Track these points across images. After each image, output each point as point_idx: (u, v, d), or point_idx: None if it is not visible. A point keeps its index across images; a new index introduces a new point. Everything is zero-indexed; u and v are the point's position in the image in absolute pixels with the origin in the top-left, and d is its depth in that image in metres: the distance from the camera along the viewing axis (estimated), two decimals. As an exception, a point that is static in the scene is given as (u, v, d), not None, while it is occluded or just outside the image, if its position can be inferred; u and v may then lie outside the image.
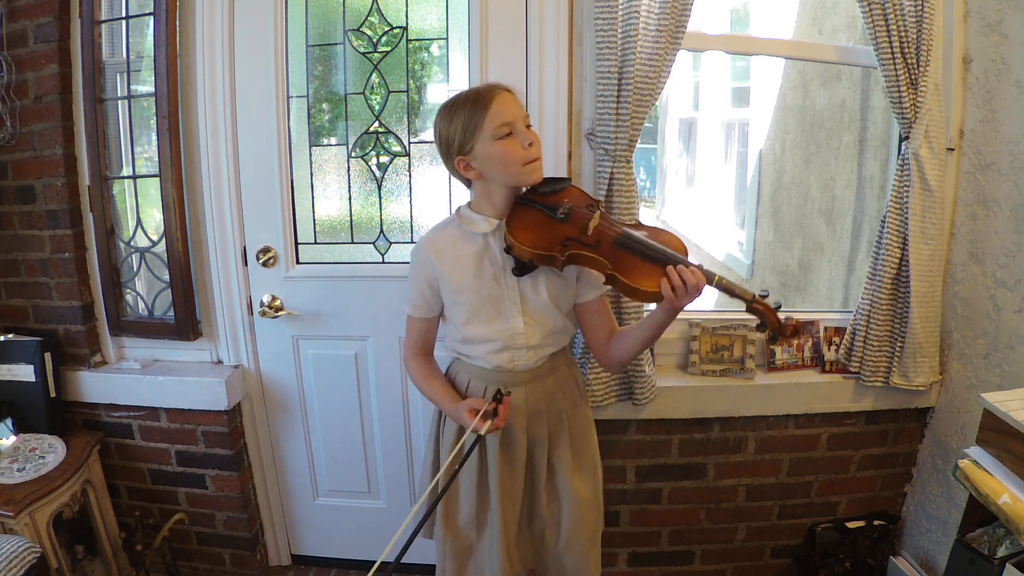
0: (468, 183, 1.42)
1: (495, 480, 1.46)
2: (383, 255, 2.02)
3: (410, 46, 1.89)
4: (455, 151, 1.35)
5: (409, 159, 1.95)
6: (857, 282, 2.63)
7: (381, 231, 2.01)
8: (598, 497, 1.60)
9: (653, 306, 1.37)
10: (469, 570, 1.53)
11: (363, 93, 1.92)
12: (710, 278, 1.27)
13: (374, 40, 1.89)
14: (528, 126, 1.36)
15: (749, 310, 1.30)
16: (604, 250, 1.32)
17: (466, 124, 1.32)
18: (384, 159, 1.96)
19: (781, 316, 1.29)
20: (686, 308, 1.31)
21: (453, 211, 1.49)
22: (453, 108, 1.34)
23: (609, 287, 1.38)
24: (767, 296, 1.28)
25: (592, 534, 1.57)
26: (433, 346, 1.55)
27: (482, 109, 1.31)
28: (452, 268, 1.40)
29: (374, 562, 0.93)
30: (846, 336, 1.94)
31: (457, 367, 1.53)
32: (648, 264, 1.30)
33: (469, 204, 1.45)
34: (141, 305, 2.03)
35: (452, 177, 1.44)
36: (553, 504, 1.54)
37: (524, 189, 1.40)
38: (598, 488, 1.60)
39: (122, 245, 1.98)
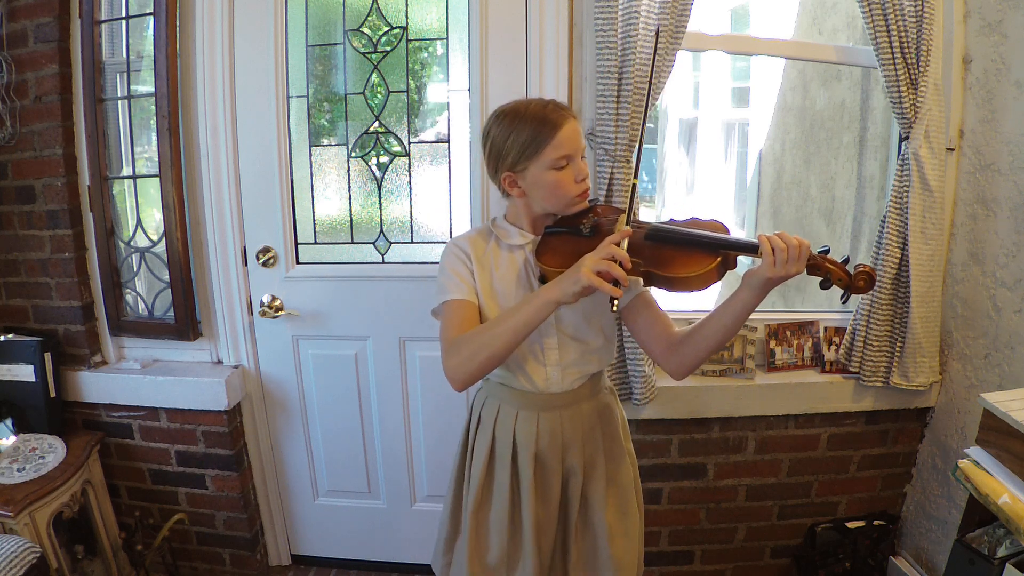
0: (507, 195, 1.34)
1: (528, 512, 1.34)
2: (383, 255, 2.02)
3: (410, 46, 1.89)
4: (505, 166, 1.26)
5: (409, 159, 1.95)
6: (857, 282, 2.63)
7: (381, 231, 2.01)
8: (635, 555, 1.43)
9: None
10: None
11: (363, 93, 1.92)
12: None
13: (374, 40, 1.89)
14: (583, 157, 1.29)
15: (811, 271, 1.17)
16: (634, 250, 1.23)
17: (526, 144, 1.23)
18: (384, 159, 1.96)
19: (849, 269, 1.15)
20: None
21: (487, 220, 1.40)
22: (515, 120, 1.24)
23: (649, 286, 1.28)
24: (828, 252, 1.17)
25: None
26: None
27: (548, 134, 1.22)
28: (483, 271, 1.32)
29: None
30: (846, 336, 1.94)
31: (486, 392, 1.42)
32: (687, 250, 1.20)
33: (505, 216, 1.38)
34: (141, 305, 2.03)
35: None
36: (585, 542, 1.39)
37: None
38: (634, 546, 1.42)
39: (122, 245, 1.98)
